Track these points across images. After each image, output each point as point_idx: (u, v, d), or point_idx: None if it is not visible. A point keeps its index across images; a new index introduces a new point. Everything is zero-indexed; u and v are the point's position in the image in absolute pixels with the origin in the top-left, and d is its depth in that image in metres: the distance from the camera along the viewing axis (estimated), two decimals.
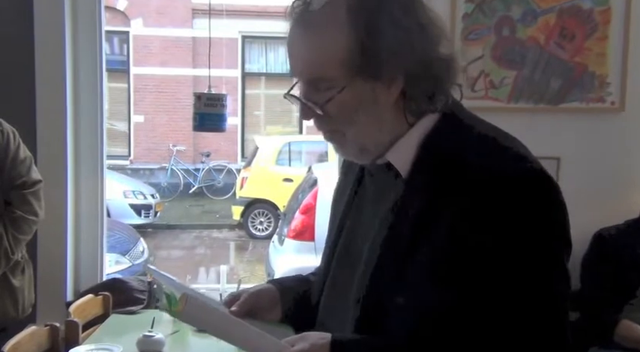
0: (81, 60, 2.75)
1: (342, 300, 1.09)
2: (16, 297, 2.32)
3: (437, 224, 0.96)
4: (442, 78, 1.03)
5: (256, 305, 1.18)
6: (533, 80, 2.72)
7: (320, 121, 1.05)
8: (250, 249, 9.33)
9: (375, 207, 1.09)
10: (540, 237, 0.96)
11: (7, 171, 2.28)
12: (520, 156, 1.00)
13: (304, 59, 1.02)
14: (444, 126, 1.04)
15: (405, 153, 1.04)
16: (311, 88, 1.03)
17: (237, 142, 12.87)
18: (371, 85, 1.00)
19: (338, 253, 1.16)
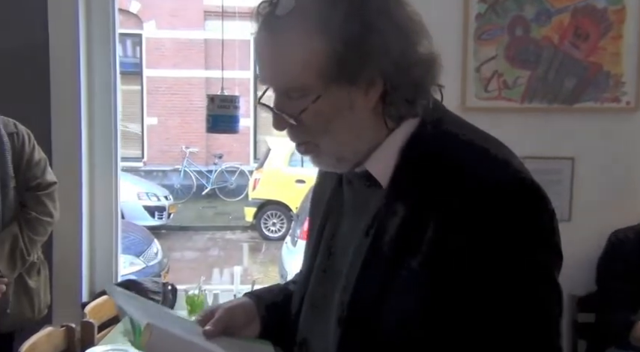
0: (95, 63, 2.77)
1: (323, 317, 1.03)
2: (32, 298, 2.34)
3: (420, 237, 0.90)
4: (423, 80, 0.97)
5: (232, 322, 1.09)
6: (547, 80, 2.70)
7: (294, 132, 0.99)
8: (263, 250, 9.34)
9: (354, 218, 1.03)
10: (527, 248, 0.89)
11: (22, 172, 2.30)
12: (506, 163, 0.93)
13: (274, 68, 0.95)
14: (425, 131, 0.97)
15: (384, 161, 0.98)
16: (283, 98, 0.97)
17: (249, 144, 12.90)
18: (347, 91, 0.94)
19: (317, 265, 1.09)
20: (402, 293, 0.91)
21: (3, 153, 2.24)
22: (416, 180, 0.94)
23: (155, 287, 2.83)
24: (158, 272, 5.54)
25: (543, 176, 2.92)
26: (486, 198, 0.89)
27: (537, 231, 0.91)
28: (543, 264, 0.91)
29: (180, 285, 2.94)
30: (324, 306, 1.03)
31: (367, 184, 1.00)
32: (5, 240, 2.22)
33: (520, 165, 0.94)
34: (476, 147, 0.95)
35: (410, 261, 0.91)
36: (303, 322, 1.08)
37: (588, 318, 2.67)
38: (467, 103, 2.65)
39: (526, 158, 2.97)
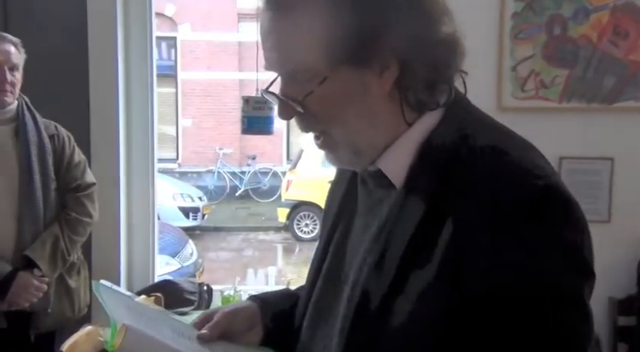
0: (133, 66, 2.81)
1: (325, 326, 0.96)
2: (73, 298, 2.38)
3: (433, 249, 0.81)
4: (442, 62, 0.87)
5: (232, 327, 1.01)
6: (586, 79, 2.65)
7: (302, 121, 0.90)
8: (297, 251, 9.37)
9: (365, 220, 0.95)
10: (551, 269, 0.78)
11: (62, 174, 2.35)
12: (533, 171, 0.82)
13: (278, 48, 0.86)
14: (445, 129, 0.88)
15: (398, 160, 0.89)
16: (289, 82, 0.88)
17: (282, 145, 12.95)
18: (359, 73, 0.85)
19: (324, 271, 1.00)
20: (409, 309, 0.82)
21: (44, 156, 2.29)
22: (432, 184, 0.84)
23: (191, 288, 2.86)
24: (193, 273, 5.59)
25: (582, 177, 2.88)
26: (507, 213, 0.78)
27: (563, 248, 0.80)
28: (569, 286, 0.80)
29: (215, 286, 2.97)
30: (329, 315, 0.96)
31: (381, 184, 0.92)
32: (47, 241, 2.26)
33: (548, 171, 0.84)
34: (501, 151, 0.84)
35: (420, 274, 0.82)
36: (305, 330, 1.01)
37: (628, 321, 2.61)
38: (503, 103, 2.62)
39: (564, 158, 2.94)
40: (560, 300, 0.79)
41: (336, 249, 1.00)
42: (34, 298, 2.24)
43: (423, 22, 0.85)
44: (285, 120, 0.91)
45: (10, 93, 2.25)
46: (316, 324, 0.98)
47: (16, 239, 2.24)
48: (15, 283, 2.20)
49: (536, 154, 0.87)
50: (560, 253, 0.79)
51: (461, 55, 0.89)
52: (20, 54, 2.29)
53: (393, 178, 0.90)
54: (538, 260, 0.78)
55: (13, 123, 2.28)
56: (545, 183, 0.81)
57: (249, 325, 1.04)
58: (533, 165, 0.83)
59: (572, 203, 0.82)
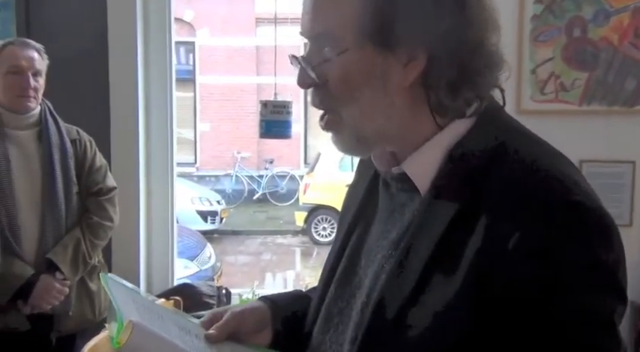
0: (152, 71, 2.84)
1: (336, 331, 0.93)
2: (93, 301, 2.40)
3: (459, 259, 0.78)
4: (474, 70, 0.83)
5: (241, 327, 0.98)
6: (607, 81, 2.63)
7: (316, 93, 0.88)
8: (314, 254, 9.37)
9: (385, 226, 0.91)
10: (582, 283, 0.75)
11: (84, 178, 2.38)
12: (575, 186, 0.79)
13: (312, 10, 0.85)
14: (477, 137, 0.84)
15: (425, 164, 0.85)
16: (313, 47, 0.87)
17: (299, 149, 12.96)
18: (382, 56, 0.82)
19: (338, 275, 0.97)
20: (428, 321, 0.79)
21: (66, 160, 2.31)
22: (461, 194, 0.81)
23: (210, 291, 2.87)
24: (211, 276, 5.62)
25: (603, 180, 2.85)
26: (543, 231, 0.75)
27: (596, 270, 0.76)
28: (600, 309, 0.76)
29: (233, 289, 2.98)
30: (340, 321, 0.93)
31: (404, 188, 0.89)
32: (68, 244, 2.29)
33: (585, 188, 0.80)
34: (538, 166, 0.81)
35: (443, 285, 0.78)
36: (316, 335, 0.98)
37: None
38: (522, 106, 2.60)
39: (585, 162, 2.91)
40: (590, 322, 0.76)
41: (352, 252, 0.97)
42: (56, 301, 2.27)
43: (462, 22, 0.82)
44: (301, 87, 0.89)
45: (34, 98, 2.28)
46: (327, 329, 0.95)
47: (38, 242, 2.27)
48: (37, 286, 2.23)
49: (574, 169, 0.84)
50: (593, 276, 0.76)
51: (496, 67, 0.85)
52: (43, 60, 2.31)
53: (418, 183, 0.86)
54: (569, 279, 0.75)
55: (36, 127, 2.31)
56: (585, 202, 0.77)
57: (259, 326, 1.01)
58: (573, 181, 0.80)
59: (610, 225, 0.78)
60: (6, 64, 2.24)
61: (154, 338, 0.88)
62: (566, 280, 0.75)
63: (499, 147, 0.83)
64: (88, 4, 2.73)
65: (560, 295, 0.75)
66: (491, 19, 0.85)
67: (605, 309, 0.77)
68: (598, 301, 0.76)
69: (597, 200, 0.80)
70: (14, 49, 2.26)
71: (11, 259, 2.19)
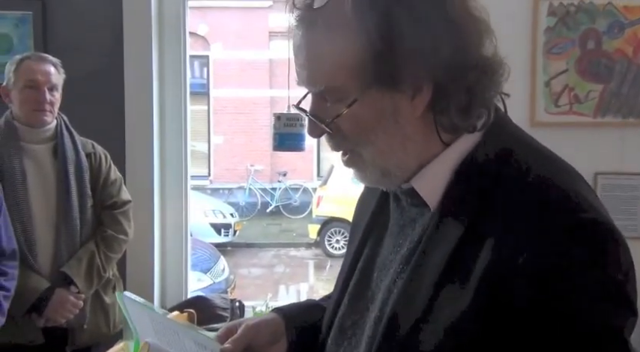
0: (167, 85, 2.85)
1: (349, 345, 0.93)
2: (108, 314, 2.41)
3: (468, 275, 0.78)
4: (480, 86, 0.83)
5: (256, 340, 0.99)
6: (621, 94, 2.62)
7: (332, 140, 0.88)
8: (328, 267, 9.34)
9: (397, 240, 0.92)
10: (593, 300, 0.75)
11: (99, 192, 2.39)
12: (583, 201, 0.79)
13: (308, 66, 0.85)
14: (484, 151, 0.84)
15: (434, 181, 0.86)
16: (319, 100, 0.87)
17: (313, 161, 12.97)
18: (389, 96, 0.82)
19: (351, 288, 0.98)
20: (439, 338, 0.79)
21: (81, 174, 2.33)
22: (470, 209, 0.81)
23: (223, 304, 2.87)
24: (225, 289, 5.61)
25: (618, 193, 2.83)
26: (551, 246, 0.75)
27: (606, 287, 0.76)
28: (611, 325, 0.76)
29: (247, 302, 2.97)
30: (353, 334, 0.93)
31: (414, 203, 0.90)
32: (83, 258, 2.30)
33: (595, 204, 0.80)
34: (545, 179, 0.81)
35: (453, 302, 0.79)
36: (329, 346, 0.98)
37: None
38: (536, 118, 2.59)
39: (600, 174, 2.89)
40: (601, 338, 0.76)
41: (365, 265, 0.97)
42: (71, 315, 2.28)
43: (459, 44, 0.81)
44: (314, 138, 0.90)
45: (50, 112, 2.30)
46: (341, 342, 0.96)
47: (53, 255, 2.28)
48: (52, 300, 2.24)
49: (582, 183, 0.84)
50: (602, 290, 0.76)
51: (499, 80, 0.86)
52: (60, 74, 2.34)
53: (428, 199, 0.87)
54: (579, 296, 0.75)
55: (52, 141, 2.33)
56: (594, 218, 0.78)
57: (273, 338, 1.02)
58: (580, 196, 0.80)
59: (618, 239, 0.78)
60: (23, 79, 2.27)
61: None
62: (577, 297, 0.75)
63: (505, 161, 0.83)
64: (104, 19, 2.76)
65: (571, 313, 0.75)
66: (486, 29, 0.84)
67: (616, 324, 0.77)
68: (608, 317, 0.76)
69: (605, 214, 0.80)
70: (31, 64, 2.29)
71: (27, 272, 2.20)
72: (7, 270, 2.08)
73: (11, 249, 2.11)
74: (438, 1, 0.81)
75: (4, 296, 2.05)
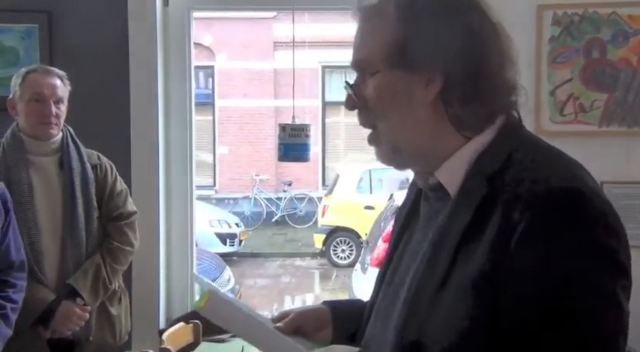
0: (172, 96, 2.87)
1: (381, 325, 1.06)
2: (114, 325, 2.41)
3: (477, 243, 0.91)
4: (485, 92, 0.98)
5: (304, 324, 1.16)
6: (627, 102, 2.61)
7: (360, 113, 1.06)
8: (333, 277, 9.32)
9: (425, 230, 1.05)
10: (584, 260, 0.86)
11: (105, 203, 2.40)
12: (572, 175, 0.92)
13: (355, 42, 1.05)
14: (499, 144, 0.99)
15: (454, 171, 1.00)
16: (356, 71, 1.06)
17: (318, 171, 12.98)
18: (407, 78, 0.99)
19: (386, 278, 1.12)
20: (451, 301, 0.92)
21: (87, 185, 2.34)
22: (481, 190, 0.94)
23: None
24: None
25: (624, 201, 2.82)
26: (541, 209, 0.88)
27: (598, 246, 0.87)
28: (603, 285, 0.86)
29: None
30: (386, 317, 1.05)
31: (439, 196, 1.03)
32: (89, 270, 2.30)
33: (590, 182, 0.93)
34: (543, 158, 0.96)
35: (465, 269, 0.91)
36: (367, 331, 1.12)
37: None
38: (541, 127, 2.59)
39: (605, 183, 2.87)
40: (592, 297, 0.86)
41: (398, 257, 1.11)
42: (77, 327, 2.28)
43: (475, 55, 0.97)
44: (347, 109, 1.07)
45: (55, 125, 2.31)
46: (376, 325, 1.09)
47: (59, 267, 2.29)
48: (58, 312, 2.24)
49: (584, 172, 0.96)
50: (594, 248, 0.87)
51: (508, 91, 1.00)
52: (65, 86, 2.35)
53: (448, 187, 1.00)
54: (572, 259, 0.86)
55: (58, 153, 2.34)
56: (581, 189, 0.90)
57: (320, 325, 1.18)
58: (579, 175, 0.93)
59: (609, 209, 0.90)
60: (29, 92, 2.28)
61: (227, 305, 1.09)
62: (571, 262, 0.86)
63: (514, 152, 0.96)
64: (110, 30, 2.78)
65: (563, 272, 0.86)
66: (507, 53, 1.00)
67: (607, 286, 0.87)
68: (600, 278, 0.86)
69: (597, 189, 0.92)
70: (37, 77, 2.30)
71: (33, 284, 2.21)
72: (16, 282, 2.08)
73: (20, 261, 2.11)
74: (465, 16, 0.98)
75: (11, 308, 2.04)
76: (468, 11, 0.99)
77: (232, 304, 1.11)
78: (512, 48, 1.01)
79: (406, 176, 10.05)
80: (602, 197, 0.91)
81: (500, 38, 1.00)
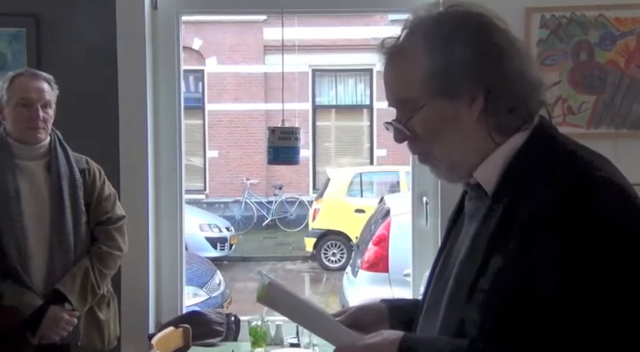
0: (161, 100, 2.85)
1: (430, 316, 1.15)
2: (103, 330, 2.39)
3: (511, 234, 1.00)
4: (523, 96, 1.07)
5: (362, 319, 1.26)
6: (614, 105, 2.63)
7: (410, 142, 1.13)
8: (324, 280, 9.31)
9: (467, 227, 1.14)
10: (615, 245, 0.94)
11: (93, 207, 2.38)
12: (593, 165, 1.01)
13: (391, 84, 1.12)
14: (533, 142, 1.07)
15: (491, 169, 1.08)
16: (399, 112, 1.12)
17: (308, 174, 12.98)
18: (451, 103, 1.07)
19: (435, 275, 1.21)
20: (487, 287, 1.01)
21: (75, 190, 2.32)
22: (517, 185, 1.04)
23: (219, 318, 2.85)
24: (221, 303, 5.59)
25: None
26: (569, 195, 0.96)
27: (628, 231, 0.95)
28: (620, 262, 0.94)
29: (243, 316, 2.95)
30: (435, 309, 1.14)
31: (479, 195, 1.12)
32: (77, 275, 2.28)
33: (612, 172, 1.02)
34: (573, 153, 1.04)
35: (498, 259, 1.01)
36: (419, 325, 1.21)
37: None
38: None
39: None
40: (625, 273, 0.94)
41: (447, 253, 1.20)
42: (65, 332, 2.26)
43: (504, 64, 1.06)
44: (397, 142, 1.14)
45: (43, 129, 2.30)
46: (427, 316, 1.18)
47: (46, 272, 2.26)
48: (46, 317, 2.22)
49: (611, 166, 1.05)
50: (625, 233, 0.95)
51: (540, 88, 1.10)
52: (53, 90, 2.34)
53: (486, 186, 1.09)
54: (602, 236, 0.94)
55: (46, 158, 2.33)
56: (604, 176, 0.99)
57: (376, 320, 1.27)
58: (600, 165, 1.02)
59: (625, 189, 0.99)
60: (16, 96, 2.27)
61: (286, 294, 1.19)
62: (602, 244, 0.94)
63: (546, 149, 1.06)
64: (98, 34, 2.76)
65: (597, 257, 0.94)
66: (527, 55, 1.11)
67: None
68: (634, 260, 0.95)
69: (621, 177, 1.02)
70: (24, 81, 2.29)
71: (20, 289, 2.19)
72: None
73: None
74: (485, 33, 1.06)
75: None
76: (486, 28, 1.07)
77: (291, 294, 1.19)
78: (527, 48, 1.10)
79: (396, 179, 10.07)
80: (628, 187, 1.00)
81: (516, 43, 1.09)
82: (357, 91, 13.08)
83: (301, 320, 1.21)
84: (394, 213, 5.56)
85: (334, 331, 1.17)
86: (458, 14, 1.09)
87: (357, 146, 13.14)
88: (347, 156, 13.01)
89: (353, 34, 11.69)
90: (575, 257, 0.94)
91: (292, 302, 1.18)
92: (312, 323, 1.20)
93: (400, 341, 1.07)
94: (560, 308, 0.95)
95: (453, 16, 1.09)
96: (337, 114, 13.24)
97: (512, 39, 1.09)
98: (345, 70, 12.65)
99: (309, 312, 1.19)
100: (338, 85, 13.08)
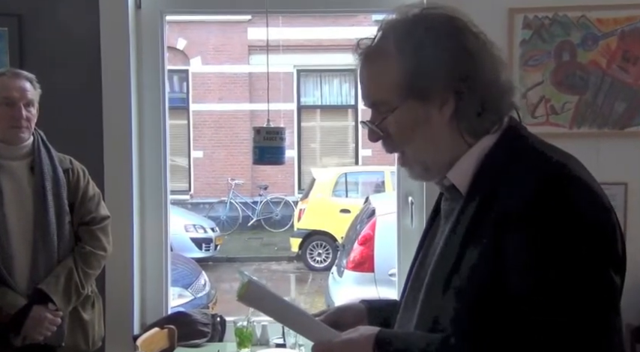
0: (145, 100, 2.84)
1: (410, 315, 1.17)
2: (87, 331, 2.38)
3: (484, 231, 1.03)
4: (493, 100, 1.10)
5: (341, 319, 1.28)
6: (596, 104, 2.66)
7: (384, 143, 1.17)
8: (309, 281, 9.31)
9: (443, 227, 1.17)
10: (584, 242, 0.97)
11: (77, 207, 2.37)
12: (561, 164, 1.04)
13: (365, 86, 1.16)
14: (503, 143, 1.10)
15: (464, 170, 1.12)
16: (374, 112, 1.16)
17: (293, 174, 12.97)
18: (423, 105, 1.10)
19: (412, 275, 1.24)
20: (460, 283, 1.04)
21: (59, 190, 2.31)
22: (485, 186, 1.07)
23: (204, 319, 2.85)
24: (206, 304, 5.57)
25: None
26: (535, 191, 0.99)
27: (588, 226, 0.98)
28: (594, 257, 0.97)
29: (228, 317, 2.95)
30: (412, 307, 1.17)
31: (454, 195, 1.15)
32: (61, 275, 2.27)
33: (578, 169, 1.05)
34: (543, 155, 1.07)
35: (470, 255, 1.04)
36: (397, 322, 1.23)
37: None
38: None
39: None
40: (583, 265, 0.97)
41: (424, 254, 1.23)
42: (49, 332, 2.24)
43: (475, 70, 1.08)
44: (371, 141, 1.17)
45: (26, 129, 2.28)
46: (404, 313, 1.21)
47: (30, 272, 2.25)
48: (30, 317, 2.21)
49: (579, 165, 1.07)
50: (584, 229, 0.98)
51: (510, 93, 1.13)
52: (35, 90, 2.32)
53: (459, 186, 1.13)
54: (558, 229, 0.97)
55: (29, 157, 2.31)
56: (578, 174, 1.02)
57: (355, 320, 1.28)
58: (564, 163, 1.04)
59: (600, 196, 1.03)
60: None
61: (266, 293, 1.20)
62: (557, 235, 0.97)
63: (515, 148, 1.09)
64: (81, 33, 2.74)
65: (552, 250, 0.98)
66: (499, 59, 1.12)
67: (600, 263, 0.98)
68: (592, 255, 0.98)
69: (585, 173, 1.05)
70: (5, 80, 2.27)
71: (3, 290, 2.18)
72: None
73: None
74: (457, 38, 1.09)
75: None
76: (458, 32, 1.09)
77: (271, 293, 1.22)
78: (498, 50, 1.12)
79: (382, 179, 10.09)
80: (595, 186, 1.03)
81: (487, 46, 1.11)
82: (341, 91, 13.09)
83: (281, 318, 1.23)
84: (379, 212, 5.57)
85: (313, 328, 1.20)
86: (431, 18, 1.11)
87: (343, 146, 13.15)
88: (332, 156, 13.01)
89: (338, 34, 11.69)
90: (546, 254, 0.97)
91: (272, 300, 1.21)
92: (291, 320, 1.23)
93: (375, 336, 1.10)
94: (532, 306, 0.97)
95: (426, 19, 1.11)
96: (322, 114, 13.24)
97: (485, 43, 1.11)
98: (330, 70, 12.66)
99: (289, 310, 1.22)
100: (323, 85, 13.08)
